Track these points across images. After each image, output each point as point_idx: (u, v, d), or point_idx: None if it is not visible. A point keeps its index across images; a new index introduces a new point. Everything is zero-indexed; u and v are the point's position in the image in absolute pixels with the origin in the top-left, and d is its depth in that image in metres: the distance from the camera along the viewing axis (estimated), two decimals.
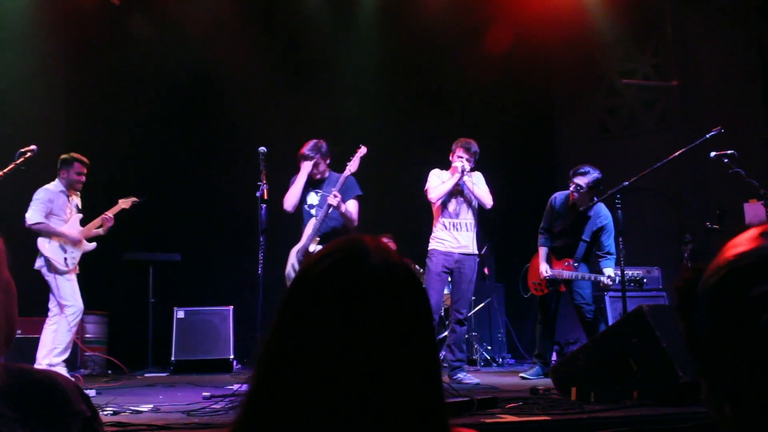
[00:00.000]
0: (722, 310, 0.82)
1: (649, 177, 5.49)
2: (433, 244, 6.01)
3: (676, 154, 5.44)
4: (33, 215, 5.99)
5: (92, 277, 8.18)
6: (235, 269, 8.25)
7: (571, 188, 6.12)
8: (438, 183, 5.95)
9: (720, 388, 0.85)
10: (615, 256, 6.00)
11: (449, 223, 5.94)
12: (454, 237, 5.92)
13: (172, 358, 7.45)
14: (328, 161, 5.64)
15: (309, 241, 5.38)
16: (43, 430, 1.00)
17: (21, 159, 5.29)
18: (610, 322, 6.72)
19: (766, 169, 6.80)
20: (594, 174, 6.04)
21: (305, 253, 5.35)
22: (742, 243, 0.85)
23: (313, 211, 5.57)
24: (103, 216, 6.32)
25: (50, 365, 5.72)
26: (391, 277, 0.96)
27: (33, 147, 5.40)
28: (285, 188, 5.58)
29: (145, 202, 6.71)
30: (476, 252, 6.06)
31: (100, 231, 6.39)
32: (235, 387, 5.05)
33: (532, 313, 7.11)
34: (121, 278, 8.37)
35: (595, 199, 5.99)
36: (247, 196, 5.48)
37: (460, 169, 5.84)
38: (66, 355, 5.95)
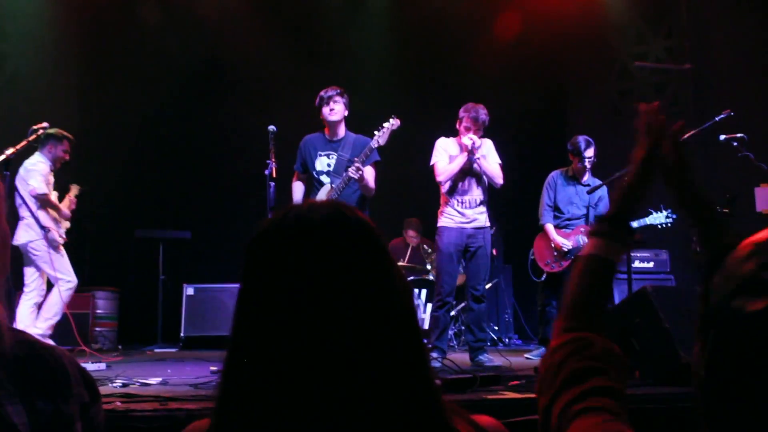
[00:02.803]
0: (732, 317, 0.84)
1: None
2: (442, 221, 5.66)
3: (685, 136, 5.41)
4: (40, 185, 5.88)
5: (104, 254, 8.31)
6: (244, 247, 8.29)
7: (588, 162, 6.22)
8: (445, 159, 5.62)
9: (706, 346, 0.88)
10: None
11: (458, 201, 5.62)
12: (464, 213, 5.60)
13: (182, 335, 7.55)
14: (346, 113, 5.32)
15: None
16: (41, 406, 0.98)
17: (33, 136, 5.33)
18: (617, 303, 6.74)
19: None
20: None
21: None
22: None
23: (323, 178, 5.31)
24: (71, 198, 6.20)
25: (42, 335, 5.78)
26: (301, 225, 0.97)
27: (45, 124, 5.45)
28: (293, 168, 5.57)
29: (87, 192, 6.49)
30: (489, 225, 5.68)
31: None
32: None
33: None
34: (132, 255, 8.47)
35: (602, 182, 6.05)
36: (256, 175, 5.49)
37: (470, 147, 5.48)
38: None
